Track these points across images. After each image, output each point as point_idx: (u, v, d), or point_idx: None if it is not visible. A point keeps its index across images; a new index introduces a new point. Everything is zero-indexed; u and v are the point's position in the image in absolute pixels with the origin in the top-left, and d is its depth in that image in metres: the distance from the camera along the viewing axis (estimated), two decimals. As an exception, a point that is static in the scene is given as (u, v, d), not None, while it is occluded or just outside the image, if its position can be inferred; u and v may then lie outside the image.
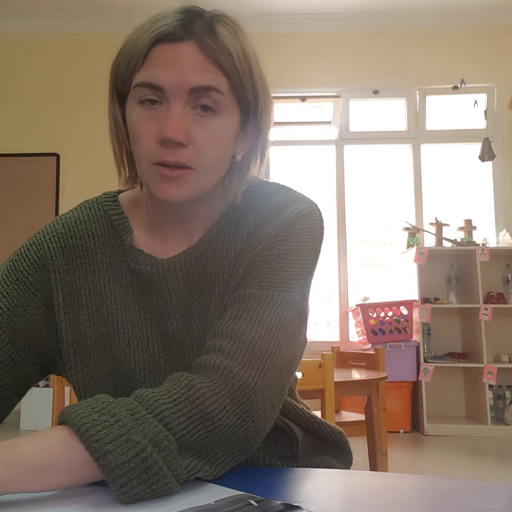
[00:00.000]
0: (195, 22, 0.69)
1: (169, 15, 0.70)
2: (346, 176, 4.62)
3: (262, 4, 4.23)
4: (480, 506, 0.55)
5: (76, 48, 4.56)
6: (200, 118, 0.69)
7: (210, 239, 0.78)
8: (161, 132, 0.67)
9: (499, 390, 4.01)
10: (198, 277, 0.77)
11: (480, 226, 4.28)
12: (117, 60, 0.74)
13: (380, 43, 4.50)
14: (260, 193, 0.79)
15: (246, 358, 0.66)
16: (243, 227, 0.77)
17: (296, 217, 0.75)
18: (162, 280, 0.77)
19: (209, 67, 0.68)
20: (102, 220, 0.81)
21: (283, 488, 0.63)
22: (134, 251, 0.78)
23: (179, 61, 0.67)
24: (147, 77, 0.68)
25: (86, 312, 0.78)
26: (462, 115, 4.59)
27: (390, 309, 4.04)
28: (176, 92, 0.68)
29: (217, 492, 0.58)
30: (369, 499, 0.60)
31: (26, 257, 0.79)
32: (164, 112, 0.68)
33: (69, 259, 0.79)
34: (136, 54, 0.69)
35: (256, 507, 0.53)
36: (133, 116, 0.71)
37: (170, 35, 0.68)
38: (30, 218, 4.38)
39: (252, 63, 0.72)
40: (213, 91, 0.68)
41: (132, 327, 0.77)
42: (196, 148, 0.69)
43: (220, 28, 0.70)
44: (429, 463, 3.24)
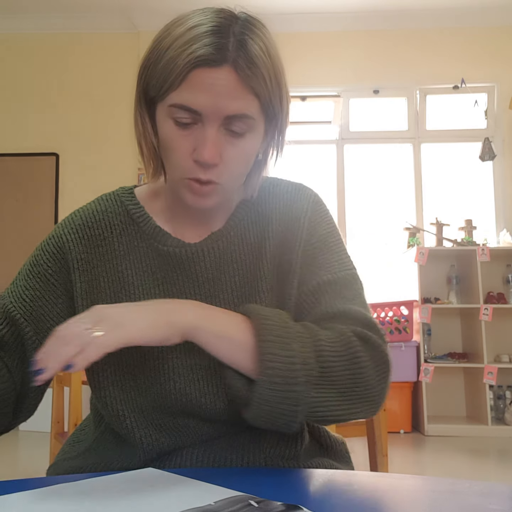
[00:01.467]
0: (229, 41, 0.70)
1: (203, 34, 0.70)
2: (347, 175, 4.62)
3: (262, 4, 4.23)
4: (480, 506, 0.55)
5: (76, 48, 4.56)
6: (232, 138, 0.73)
7: (234, 227, 0.84)
8: (198, 155, 0.71)
9: (499, 390, 4.01)
10: (226, 262, 0.82)
11: (480, 226, 4.28)
12: (149, 69, 0.74)
13: (380, 43, 4.51)
14: (268, 184, 0.87)
15: (377, 331, 0.75)
16: (264, 216, 0.84)
17: (315, 200, 0.86)
18: (190, 262, 0.81)
19: (243, 93, 0.71)
20: (119, 210, 0.85)
21: (283, 489, 0.63)
22: (162, 233, 0.82)
23: (216, 87, 0.70)
24: (184, 100, 0.70)
25: (104, 299, 0.81)
26: (462, 114, 4.59)
27: (390, 309, 4.04)
28: (212, 116, 0.71)
29: (217, 493, 0.58)
30: (370, 499, 0.60)
31: (46, 251, 0.84)
32: (199, 133, 0.72)
33: (88, 248, 0.83)
34: (173, 73, 0.70)
35: (256, 507, 0.52)
36: (166, 130, 0.73)
37: (208, 60, 0.69)
38: (29, 218, 4.38)
39: (281, 80, 0.75)
40: (245, 118, 0.72)
41: None
42: (226, 165, 0.73)
43: (252, 45, 0.71)
44: (430, 464, 3.24)
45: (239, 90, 0.71)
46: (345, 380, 0.69)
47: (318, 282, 0.80)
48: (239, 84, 0.70)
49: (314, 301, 0.80)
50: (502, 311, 4.02)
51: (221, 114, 0.71)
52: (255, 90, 0.72)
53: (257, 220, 0.85)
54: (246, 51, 0.71)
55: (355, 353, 0.70)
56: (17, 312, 0.81)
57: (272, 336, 0.67)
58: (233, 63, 0.70)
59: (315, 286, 0.80)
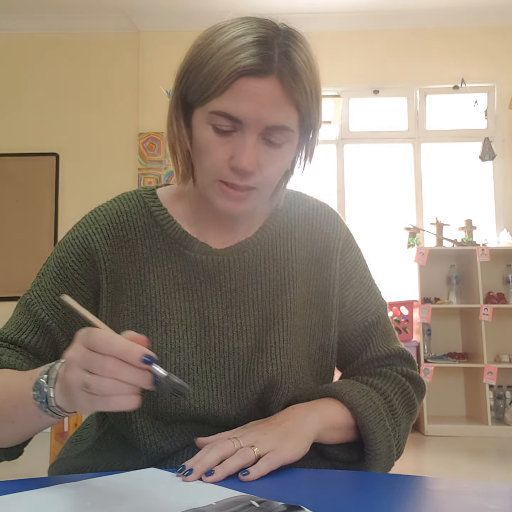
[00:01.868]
0: (275, 53, 0.70)
1: (250, 44, 0.70)
2: (346, 175, 4.62)
3: (262, 4, 4.23)
4: (480, 506, 0.55)
5: (75, 48, 4.55)
6: (269, 148, 0.74)
7: (262, 241, 0.85)
8: (236, 162, 0.72)
9: (499, 390, 4.01)
10: (250, 274, 0.83)
11: (480, 226, 4.28)
12: (190, 74, 0.74)
13: (380, 43, 4.50)
14: (296, 199, 0.90)
15: (414, 364, 0.91)
16: (293, 234, 0.87)
17: (346, 228, 0.92)
18: (215, 270, 0.82)
19: (286, 105, 0.72)
20: (142, 211, 0.84)
21: (284, 489, 0.63)
22: (189, 238, 0.82)
23: (260, 97, 0.70)
24: (227, 108, 0.70)
25: (125, 300, 0.81)
26: (462, 114, 4.59)
27: (390, 309, 4.04)
28: (252, 126, 0.71)
29: (218, 493, 0.58)
30: (370, 499, 0.60)
31: (71, 253, 0.82)
32: (238, 140, 0.72)
33: (113, 248, 0.82)
34: (217, 81, 0.70)
35: (257, 508, 0.53)
36: (204, 135, 0.73)
37: (254, 70, 0.69)
38: (29, 218, 4.38)
39: (320, 94, 0.76)
40: (285, 130, 0.73)
41: (170, 314, 0.80)
42: (262, 172, 0.74)
43: (296, 57, 0.72)
44: (430, 463, 3.24)
45: (282, 102, 0.71)
46: (407, 420, 0.87)
47: (364, 325, 0.89)
48: (282, 95, 0.71)
49: (362, 343, 0.89)
50: (502, 311, 4.02)
51: (262, 124, 0.71)
52: (297, 103, 0.72)
53: (285, 237, 0.86)
54: (291, 63, 0.71)
55: (411, 397, 0.87)
56: (52, 321, 0.81)
57: (372, 425, 0.79)
58: (278, 74, 0.70)
59: (362, 329, 0.89)
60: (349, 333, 0.89)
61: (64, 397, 0.59)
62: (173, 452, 0.78)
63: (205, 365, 0.79)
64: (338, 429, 0.79)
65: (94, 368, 0.54)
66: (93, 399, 0.54)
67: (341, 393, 0.80)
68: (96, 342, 0.54)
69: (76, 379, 0.55)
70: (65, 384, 0.57)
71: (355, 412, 0.79)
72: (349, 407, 0.80)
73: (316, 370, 0.87)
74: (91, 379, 0.54)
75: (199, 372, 0.79)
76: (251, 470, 0.65)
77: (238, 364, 0.80)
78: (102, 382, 0.53)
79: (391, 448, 0.81)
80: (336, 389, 0.81)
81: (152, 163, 4.36)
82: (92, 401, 0.54)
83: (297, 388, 0.82)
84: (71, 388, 0.56)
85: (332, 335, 0.87)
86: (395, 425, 0.83)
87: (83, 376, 0.54)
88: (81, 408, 0.57)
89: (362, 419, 0.79)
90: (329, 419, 0.78)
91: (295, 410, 0.78)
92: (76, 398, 0.56)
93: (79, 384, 0.55)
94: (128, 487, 0.60)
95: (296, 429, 0.74)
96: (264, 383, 0.80)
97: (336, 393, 0.81)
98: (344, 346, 0.90)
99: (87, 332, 0.56)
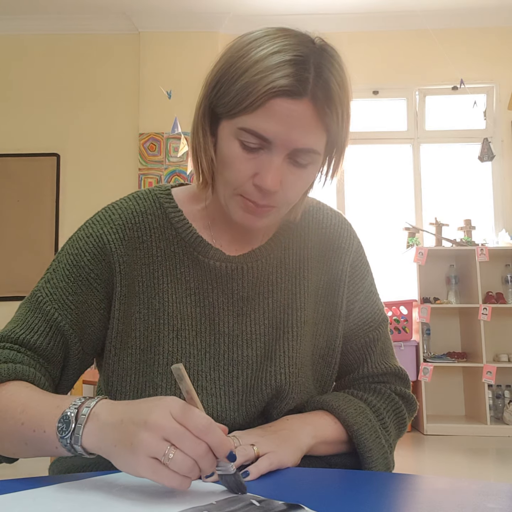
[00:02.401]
0: (310, 74, 0.68)
1: (286, 62, 0.67)
2: (346, 176, 4.61)
3: (261, 4, 4.23)
4: (479, 505, 0.56)
5: (76, 49, 4.55)
6: (294, 168, 0.73)
7: (275, 249, 0.84)
8: (261, 181, 0.71)
9: (498, 390, 4.01)
10: (262, 283, 0.82)
11: (479, 226, 4.28)
12: (222, 86, 0.71)
13: (379, 43, 4.50)
14: (310, 207, 0.90)
15: (408, 383, 0.92)
16: (305, 243, 0.86)
17: (358, 240, 0.91)
18: (228, 278, 0.81)
19: (316, 129, 0.70)
20: (157, 212, 0.82)
21: (285, 488, 0.64)
22: (204, 244, 0.81)
23: (292, 118, 0.68)
24: (257, 126, 0.69)
25: (137, 303, 0.80)
26: (461, 115, 4.59)
27: (389, 309, 4.04)
28: (281, 146, 0.70)
29: (219, 492, 0.58)
30: (370, 498, 0.60)
31: (86, 251, 0.79)
32: (264, 159, 0.71)
33: (128, 250, 0.80)
34: (250, 98, 0.68)
35: (258, 507, 0.53)
36: (230, 150, 0.72)
37: (289, 92, 0.67)
38: (30, 218, 4.38)
39: (350, 115, 0.74)
40: (312, 153, 0.72)
41: (181, 319, 0.80)
42: (284, 191, 0.73)
43: (331, 79, 0.70)
44: (429, 463, 3.24)
45: (313, 125, 0.70)
46: (395, 437, 0.87)
47: (365, 340, 0.89)
48: (314, 118, 0.69)
49: (360, 358, 0.89)
50: (501, 311, 4.02)
51: (291, 146, 0.70)
52: (327, 127, 0.71)
53: (298, 245, 0.86)
54: (325, 85, 0.69)
55: (402, 416, 0.88)
56: (65, 322, 0.78)
57: (369, 443, 0.80)
58: (312, 97, 0.68)
59: (362, 343, 0.89)
60: (349, 346, 0.89)
61: (105, 445, 0.57)
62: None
63: (214, 372, 0.79)
64: (330, 443, 0.80)
65: (184, 446, 0.53)
66: (159, 470, 0.53)
67: (338, 410, 0.81)
68: (196, 424, 0.54)
69: (154, 446, 0.53)
70: (131, 440, 0.55)
71: (351, 430, 0.80)
72: (344, 425, 0.80)
73: (317, 379, 0.88)
74: (176, 454, 0.53)
75: (208, 379, 0.79)
76: (251, 470, 0.65)
77: (247, 372, 0.80)
78: (185, 461, 0.53)
79: (388, 466, 0.82)
80: (334, 405, 0.82)
81: (153, 164, 4.36)
82: (156, 472, 0.53)
83: (301, 397, 0.83)
84: (139, 449, 0.54)
85: (336, 346, 0.87)
86: (390, 441, 0.85)
87: (164, 447, 0.53)
88: (129, 469, 0.55)
89: (358, 436, 0.79)
90: (322, 434, 0.79)
91: (290, 422, 0.78)
92: (137, 460, 0.54)
93: (153, 452, 0.53)
94: (129, 486, 0.60)
95: (291, 439, 0.74)
96: (272, 392, 0.80)
97: (334, 409, 0.81)
98: (342, 358, 0.90)
99: (184, 409, 0.55)
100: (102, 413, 0.59)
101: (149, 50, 4.43)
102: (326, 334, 0.87)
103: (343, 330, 0.88)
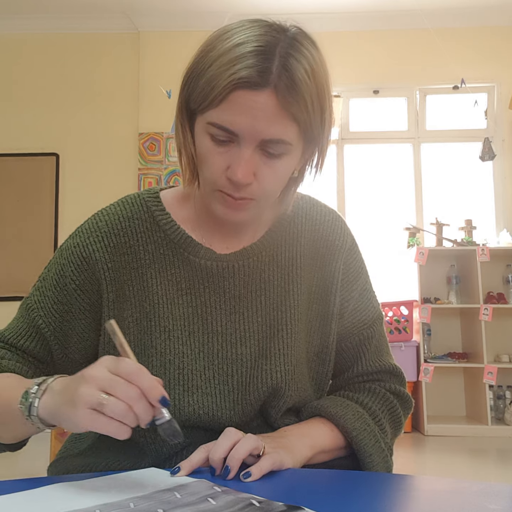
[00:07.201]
0: (273, 64, 0.68)
1: (248, 54, 0.67)
2: (346, 175, 4.62)
3: (261, 3, 4.23)
4: (480, 505, 0.55)
5: (76, 48, 4.55)
6: (267, 159, 0.72)
7: (267, 246, 0.84)
8: (231, 174, 0.71)
9: (499, 390, 4.01)
10: (254, 281, 0.82)
11: (480, 226, 4.28)
12: (192, 81, 0.73)
13: (380, 43, 4.50)
14: (304, 203, 0.89)
15: (403, 381, 0.91)
16: (298, 240, 0.86)
17: (352, 238, 0.91)
18: (219, 277, 0.81)
19: (282, 119, 0.69)
20: (144, 216, 0.83)
21: (285, 489, 0.63)
22: (194, 244, 0.81)
23: (255, 110, 0.68)
24: (222, 120, 0.69)
25: (129, 307, 0.80)
26: (462, 114, 4.59)
27: (390, 309, 4.04)
28: (248, 138, 0.70)
29: (218, 492, 0.58)
30: (370, 499, 0.60)
31: (71, 262, 0.82)
32: (234, 151, 0.71)
33: (114, 256, 0.81)
34: (213, 92, 0.68)
35: (257, 507, 0.53)
36: (203, 144, 0.72)
37: (249, 83, 0.67)
38: (29, 218, 4.38)
39: (324, 103, 0.73)
40: (281, 143, 0.71)
41: (173, 320, 0.80)
42: (260, 184, 0.73)
43: (297, 68, 0.69)
44: (430, 463, 3.24)
45: (277, 116, 0.69)
46: (393, 436, 0.88)
47: (359, 338, 0.88)
48: (278, 109, 0.69)
49: (355, 356, 0.89)
50: (502, 311, 4.02)
51: (258, 137, 0.70)
52: (294, 116, 0.70)
53: (291, 243, 0.85)
54: (289, 75, 0.68)
55: (398, 415, 0.88)
56: (48, 329, 0.81)
57: (368, 448, 0.80)
58: (274, 87, 0.68)
59: (356, 341, 0.89)
60: (343, 344, 0.89)
61: (54, 409, 0.62)
62: (174, 454, 0.78)
63: (208, 371, 0.79)
64: (327, 452, 0.80)
65: (116, 390, 0.57)
66: (96, 419, 0.57)
67: (336, 416, 0.81)
68: (126, 370, 0.59)
69: (89, 396, 0.57)
70: (72, 397, 0.59)
71: (350, 436, 0.80)
72: (343, 431, 0.80)
73: (313, 377, 0.87)
74: (108, 400, 0.57)
75: (203, 378, 0.79)
76: (253, 471, 0.64)
77: (242, 370, 0.80)
78: (118, 405, 0.57)
79: (389, 469, 0.82)
80: (332, 411, 0.81)
81: (152, 163, 4.36)
82: (94, 420, 0.57)
83: (298, 395, 0.83)
84: (78, 402, 0.58)
85: (330, 344, 0.87)
86: (389, 444, 0.85)
87: (98, 395, 0.57)
88: (71, 424, 0.59)
89: (357, 442, 0.79)
90: (319, 444, 0.79)
91: (288, 433, 0.78)
92: (76, 413, 0.58)
93: (89, 401, 0.57)
94: (129, 486, 0.60)
95: (289, 448, 0.74)
96: (268, 390, 0.80)
97: (332, 416, 0.81)
98: (337, 357, 0.90)
99: (116, 360, 0.60)
100: (56, 386, 0.64)
101: (148, 49, 4.44)
102: (320, 332, 0.87)
103: (337, 328, 0.87)
